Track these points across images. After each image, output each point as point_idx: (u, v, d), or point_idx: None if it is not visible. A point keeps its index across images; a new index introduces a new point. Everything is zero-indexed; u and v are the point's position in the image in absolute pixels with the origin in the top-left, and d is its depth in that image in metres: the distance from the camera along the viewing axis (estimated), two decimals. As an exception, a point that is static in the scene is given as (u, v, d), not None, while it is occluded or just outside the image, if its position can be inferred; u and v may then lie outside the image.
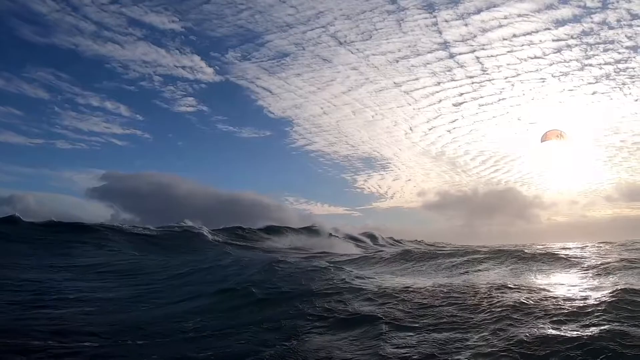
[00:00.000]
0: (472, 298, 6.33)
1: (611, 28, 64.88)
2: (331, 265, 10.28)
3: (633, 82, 68.47)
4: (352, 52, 65.33)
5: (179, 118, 63.06)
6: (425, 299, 6.51)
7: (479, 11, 64.00)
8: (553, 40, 64.32)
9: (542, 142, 15.71)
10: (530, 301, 5.75)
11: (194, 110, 61.60)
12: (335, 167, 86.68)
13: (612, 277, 8.02)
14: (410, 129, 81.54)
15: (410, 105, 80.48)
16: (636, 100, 74.33)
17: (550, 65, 72.03)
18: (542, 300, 5.85)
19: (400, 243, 32.52)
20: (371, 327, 5.17)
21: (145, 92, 56.66)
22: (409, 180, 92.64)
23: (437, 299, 6.45)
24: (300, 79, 70.28)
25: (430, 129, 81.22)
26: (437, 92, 73.36)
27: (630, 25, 62.05)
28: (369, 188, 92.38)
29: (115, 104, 52.81)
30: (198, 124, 65.48)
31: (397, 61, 66.04)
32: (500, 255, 11.60)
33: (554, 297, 5.99)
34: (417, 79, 74.94)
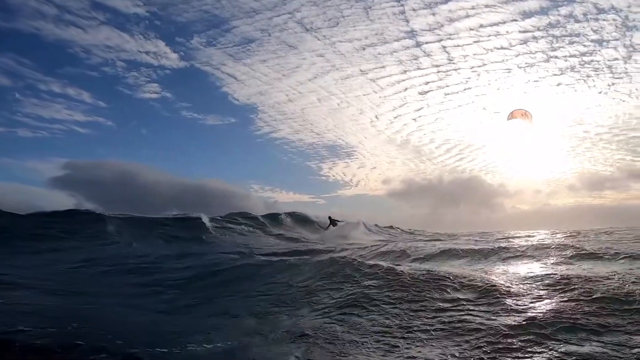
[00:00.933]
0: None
1: (577, 21, 67.34)
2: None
3: (597, 74, 71.65)
4: (318, 39, 64.30)
5: (142, 105, 59.93)
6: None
7: (446, 1, 64.53)
8: (519, 32, 65.96)
9: (508, 120, 15.35)
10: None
11: (158, 97, 58.71)
12: (300, 154, 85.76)
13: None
14: (376, 117, 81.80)
15: (376, 93, 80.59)
16: (600, 93, 78.07)
17: (516, 56, 74.13)
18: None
19: (393, 229, 31.50)
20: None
21: (108, 78, 53.41)
22: (374, 168, 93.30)
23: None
24: (266, 65, 68.51)
25: (395, 117, 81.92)
26: (403, 80, 73.93)
27: (597, 19, 64.54)
28: (334, 176, 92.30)
29: (78, 91, 49.78)
30: (162, 111, 62.60)
31: (364, 49, 65.59)
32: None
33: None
34: (383, 67, 74.94)
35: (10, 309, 5.39)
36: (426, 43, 66.67)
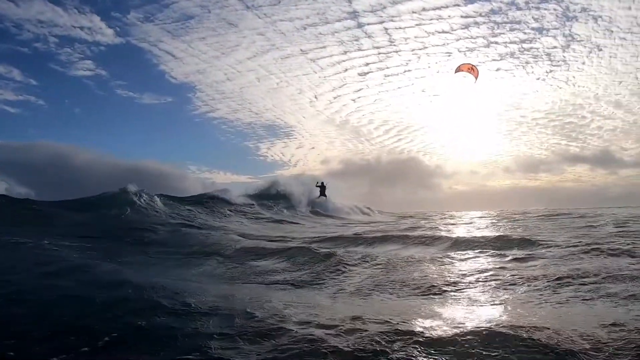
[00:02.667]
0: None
1: (519, 9, 71.34)
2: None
3: (536, 61, 77.04)
4: (259, 17, 62.14)
5: (76, 83, 54.64)
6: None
7: (389, -17, 64.16)
8: (461, 17, 68.60)
9: (455, 73, 15.91)
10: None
11: (92, 75, 53.90)
12: (239, 134, 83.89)
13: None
14: (315, 97, 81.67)
15: (315, 73, 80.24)
16: (538, 79, 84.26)
17: (457, 40, 77.08)
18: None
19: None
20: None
21: (40, 54, 47.96)
22: (313, 148, 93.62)
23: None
24: (205, 43, 65.18)
25: (335, 98, 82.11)
26: (344, 61, 74.18)
27: (538, 8, 68.90)
28: (272, 156, 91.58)
29: (8, 68, 44.50)
30: (96, 89, 57.57)
31: (305, 28, 64.70)
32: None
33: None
34: (324, 47, 74.58)
35: None
36: (368, 24, 67.23)
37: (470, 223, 21.59)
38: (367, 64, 72.31)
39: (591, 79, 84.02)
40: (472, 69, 15.67)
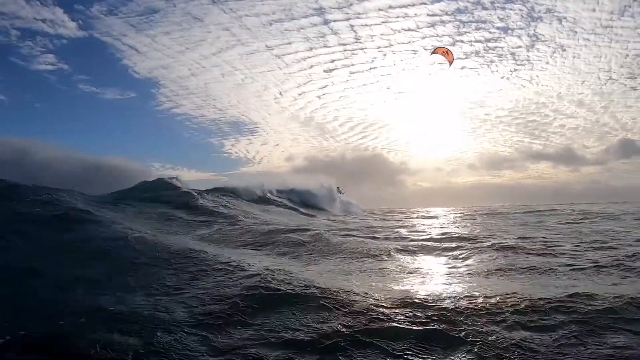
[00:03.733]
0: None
1: (485, 9, 73.12)
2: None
3: (501, 60, 79.19)
4: (224, 12, 61.29)
5: (37, 77, 52.36)
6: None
7: (356, -20, 64.20)
8: (427, 15, 69.71)
9: (431, 54, 17.01)
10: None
11: (54, 69, 51.88)
12: (203, 131, 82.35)
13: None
14: (280, 94, 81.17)
15: (281, 69, 79.58)
16: (502, 78, 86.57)
17: (423, 38, 78.41)
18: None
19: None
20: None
21: (1, 47, 45.79)
22: (277, 145, 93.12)
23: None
24: (169, 37, 63.70)
25: (300, 94, 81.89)
26: (309, 57, 74.01)
27: (503, 8, 70.79)
28: (236, 153, 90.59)
29: None
30: (58, 84, 55.45)
31: (271, 24, 64.21)
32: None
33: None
34: (289, 43, 74.32)
35: None
36: (334, 21, 67.41)
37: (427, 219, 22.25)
38: (332, 61, 72.53)
39: (554, 79, 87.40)
40: (447, 53, 16.09)
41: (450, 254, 8.33)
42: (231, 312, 4.08)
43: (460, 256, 8.00)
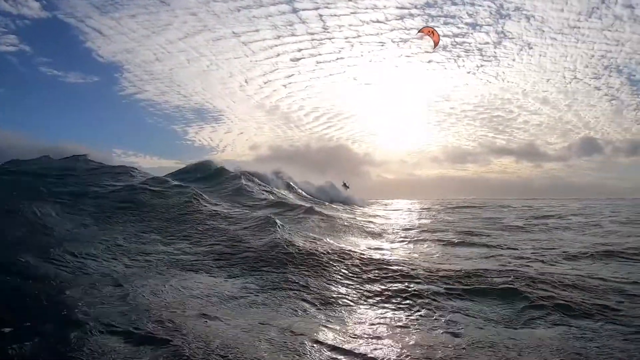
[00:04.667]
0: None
1: (454, 4, 74.35)
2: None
3: (468, 55, 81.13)
4: None
5: (-3, 58, 49.17)
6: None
7: (326, -31, 63.94)
8: (396, 7, 70.45)
9: (417, 33, 17.25)
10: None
11: (15, 50, 48.88)
12: (166, 117, 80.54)
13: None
14: (246, 82, 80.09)
15: (247, 57, 78.44)
16: (469, 73, 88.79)
17: (391, 30, 79.25)
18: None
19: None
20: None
21: (-43, 27, 42.12)
22: (242, 133, 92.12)
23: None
24: (135, 20, 61.25)
25: (266, 83, 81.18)
26: (276, 45, 73.20)
27: (473, 4, 72.30)
28: (200, 140, 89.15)
29: None
30: (19, 66, 52.34)
31: (239, 10, 63.08)
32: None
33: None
34: (257, 30, 73.13)
35: None
36: (303, 10, 66.80)
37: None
38: (299, 50, 72.25)
39: (520, 75, 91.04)
40: (432, 33, 16.36)
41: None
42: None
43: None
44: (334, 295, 4.75)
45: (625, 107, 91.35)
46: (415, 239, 10.11)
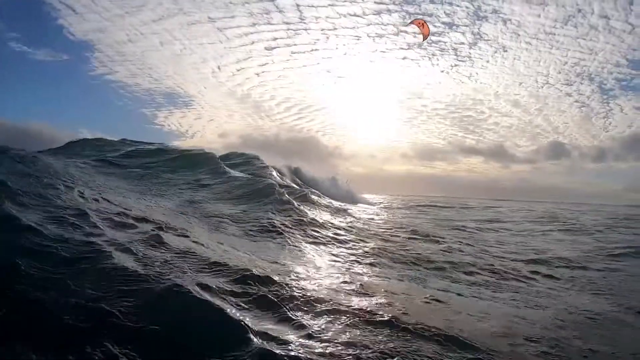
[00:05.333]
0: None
1: (432, 2, 74.68)
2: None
3: (442, 54, 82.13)
4: None
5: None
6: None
7: (306, -41, 62.84)
8: (375, 2, 70.33)
9: (407, 24, 16.98)
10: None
11: None
12: (136, 100, 78.01)
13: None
14: (219, 68, 78.37)
15: (221, 43, 76.76)
16: (442, 72, 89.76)
17: (368, 25, 79.21)
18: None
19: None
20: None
21: None
22: (212, 120, 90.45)
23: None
24: None
25: (239, 70, 79.71)
26: (252, 33, 71.94)
27: (451, 4, 72.71)
28: (169, 125, 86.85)
29: None
30: None
31: None
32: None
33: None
34: (233, 17, 71.54)
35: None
36: None
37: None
38: (275, 39, 70.94)
39: (493, 77, 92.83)
40: (422, 25, 15.65)
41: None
42: None
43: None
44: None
45: (594, 115, 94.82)
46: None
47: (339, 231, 9.13)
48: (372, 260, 6.55)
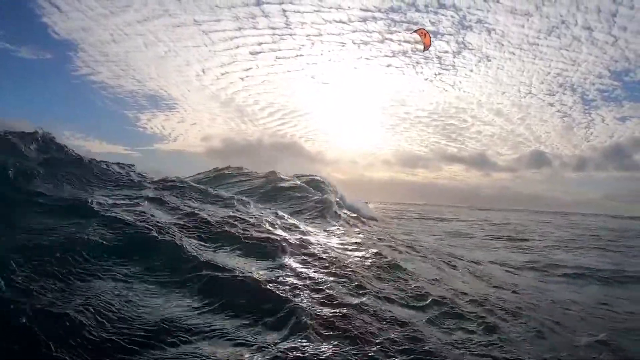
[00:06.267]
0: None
1: (418, 10, 75.41)
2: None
3: (427, 63, 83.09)
4: None
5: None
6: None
7: (293, -35, 62.85)
8: (360, 9, 70.89)
9: (411, 33, 17.04)
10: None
11: None
12: (119, 102, 77.10)
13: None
14: (203, 71, 77.86)
15: (206, 46, 76.29)
16: (426, 80, 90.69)
17: (353, 32, 79.62)
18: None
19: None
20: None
21: None
22: (195, 123, 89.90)
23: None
24: None
25: (223, 74, 79.39)
26: (237, 37, 71.52)
27: (436, 13, 73.62)
28: (151, 128, 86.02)
29: None
30: None
31: None
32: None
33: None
34: (218, 20, 71.17)
35: None
36: (267, 3, 65.51)
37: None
38: (260, 44, 70.98)
39: (476, 86, 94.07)
40: (425, 35, 15.88)
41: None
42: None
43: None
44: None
45: (576, 125, 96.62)
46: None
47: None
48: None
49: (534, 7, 73.43)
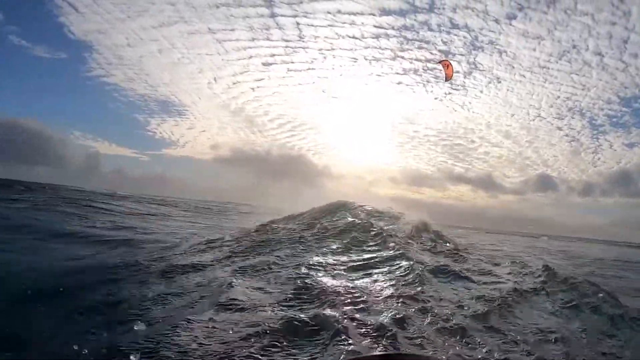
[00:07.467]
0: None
1: (431, 30, 75.30)
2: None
3: (437, 82, 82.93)
4: None
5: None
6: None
7: (310, -21, 63.35)
8: (374, 26, 71.19)
9: (437, 63, 17.95)
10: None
11: None
12: (130, 105, 78.61)
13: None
14: (215, 80, 78.63)
15: (219, 55, 77.24)
16: (436, 99, 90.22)
17: (365, 48, 79.64)
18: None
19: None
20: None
21: None
22: (204, 131, 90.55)
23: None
24: (111, 2, 59.43)
25: (234, 83, 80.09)
26: (250, 47, 72.04)
27: (449, 32, 73.68)
28: (161, 133, 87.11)
29: None
30: None
31: (217, 7, 62.26)
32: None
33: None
34: (232, 30, 72.12)
35: None
36: (281, 15, 66.40)
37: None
38: (272, 55, 71.67)
39: (486, 107, 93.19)
40: (448, 66, 16.57)
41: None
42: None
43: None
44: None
45: (583, 150, 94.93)
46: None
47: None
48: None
49: (546, 30, 73.02)
